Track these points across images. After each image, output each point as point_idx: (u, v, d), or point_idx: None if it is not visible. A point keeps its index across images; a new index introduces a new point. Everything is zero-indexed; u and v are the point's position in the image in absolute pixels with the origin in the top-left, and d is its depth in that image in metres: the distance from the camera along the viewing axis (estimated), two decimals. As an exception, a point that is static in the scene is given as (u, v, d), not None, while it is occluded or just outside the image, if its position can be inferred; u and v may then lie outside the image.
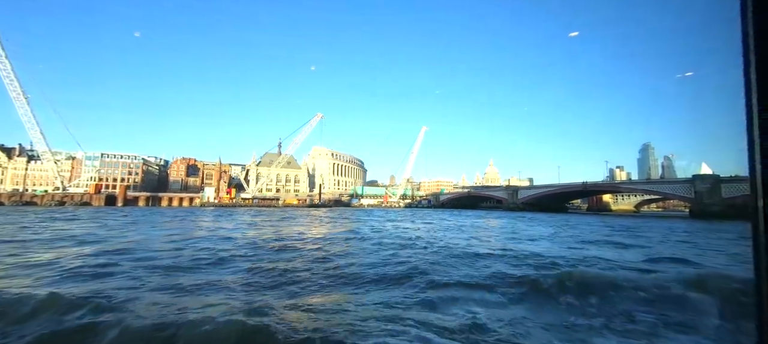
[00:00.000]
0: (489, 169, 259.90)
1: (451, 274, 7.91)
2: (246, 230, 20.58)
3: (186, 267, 8.74)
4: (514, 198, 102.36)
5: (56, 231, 17.66)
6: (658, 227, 28.06)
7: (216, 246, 12.42)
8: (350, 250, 12.37)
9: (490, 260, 9.97)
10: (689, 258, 10.62)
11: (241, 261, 9.70)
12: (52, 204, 73.43)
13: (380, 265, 9.12)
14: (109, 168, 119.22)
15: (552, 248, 13.57)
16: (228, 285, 6.91)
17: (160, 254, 10.57)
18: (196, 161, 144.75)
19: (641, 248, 13.71)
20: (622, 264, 9.59)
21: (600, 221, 37.00)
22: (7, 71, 74.24)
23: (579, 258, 10.47)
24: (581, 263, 9.57)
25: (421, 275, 7.79)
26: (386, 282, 7.30)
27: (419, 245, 13.35)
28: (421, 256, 10.48)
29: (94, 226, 21.71)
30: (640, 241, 16.65)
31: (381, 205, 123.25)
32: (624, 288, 6.24)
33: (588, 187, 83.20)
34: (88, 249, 11.42)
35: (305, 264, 9.41)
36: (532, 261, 9.69)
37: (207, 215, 39.74)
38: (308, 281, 7.40)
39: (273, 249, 12.25)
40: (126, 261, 9.13)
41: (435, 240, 15.40)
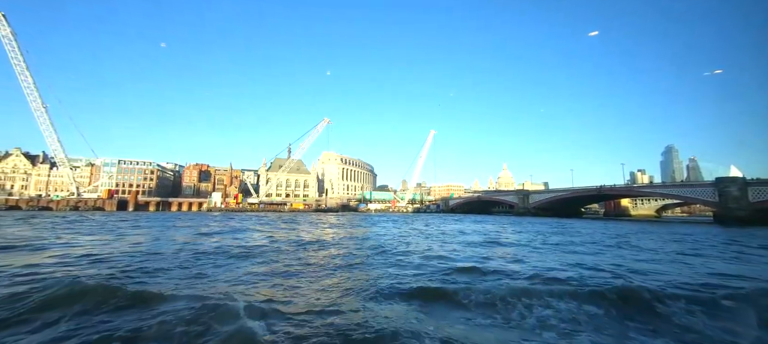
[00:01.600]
0: (502, 173, 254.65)
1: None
2: (225, 233, 19.87)
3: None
4: (524, 203, 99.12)
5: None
6: (661, 232, 25.62)
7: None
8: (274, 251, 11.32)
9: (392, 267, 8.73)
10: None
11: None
12: (67, 209, 76.07)
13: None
14: (125, 174, 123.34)
15: (478, 254, 12.05)
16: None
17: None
18: (208, 166, 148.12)
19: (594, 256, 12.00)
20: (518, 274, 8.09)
21: (603, 226, 34.49)
22: (28, 83, 77.98)
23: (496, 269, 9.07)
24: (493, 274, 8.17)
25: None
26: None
27: (367, 246, 12.17)
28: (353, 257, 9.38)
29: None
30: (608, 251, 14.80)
31: (388, 210, 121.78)
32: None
33: (603, 191, 79.30)
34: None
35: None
36: (419, 269, 8.60)
37: (199, 220, 39.66)
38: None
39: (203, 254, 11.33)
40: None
41: (395, 244, 14.15)
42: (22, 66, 77.23)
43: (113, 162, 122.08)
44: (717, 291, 6.34)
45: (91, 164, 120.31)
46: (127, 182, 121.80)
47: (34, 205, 77.14)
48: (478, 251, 12.99)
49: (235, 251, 11.87)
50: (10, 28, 75.47)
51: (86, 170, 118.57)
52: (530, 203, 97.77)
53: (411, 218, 57.26)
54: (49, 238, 15.92)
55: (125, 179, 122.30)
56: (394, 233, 22.04)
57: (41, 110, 79.77)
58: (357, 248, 13.58)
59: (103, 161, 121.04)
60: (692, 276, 8.45)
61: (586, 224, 37.90)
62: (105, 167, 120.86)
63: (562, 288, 6.40)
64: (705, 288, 6.82)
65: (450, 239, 18.29)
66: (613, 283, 6.98)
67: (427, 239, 18.06)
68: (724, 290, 6.47)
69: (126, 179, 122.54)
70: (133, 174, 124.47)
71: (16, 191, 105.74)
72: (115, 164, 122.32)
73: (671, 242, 18.69)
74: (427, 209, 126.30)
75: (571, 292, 6.09)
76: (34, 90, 78.64)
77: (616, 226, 35.74)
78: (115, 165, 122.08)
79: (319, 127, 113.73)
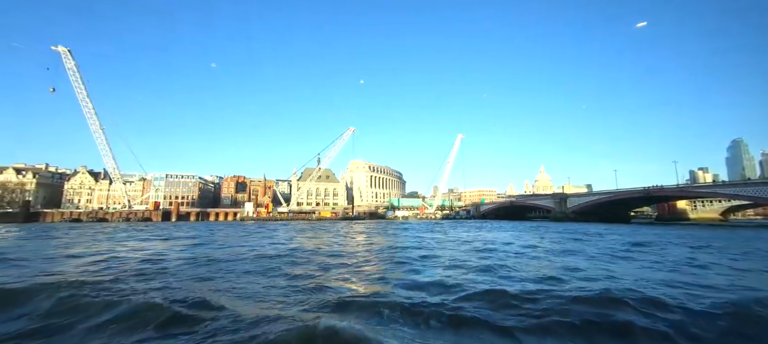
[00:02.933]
0: (540, 176, 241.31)
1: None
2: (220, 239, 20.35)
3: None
4: (562, 207, 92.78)
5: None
6: (735, 239, 22.01)
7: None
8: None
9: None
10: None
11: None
12: (120, 220, 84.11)
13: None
14: (172, 187, 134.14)
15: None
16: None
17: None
18: (245, 178, 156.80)
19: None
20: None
21: (628, 232, 30.61)
22: (89, 109, 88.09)
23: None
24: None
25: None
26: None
27: (345, 254, 11.49)
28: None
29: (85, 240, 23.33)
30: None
31: (416, 216, 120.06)
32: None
33: (651, 193, 71.83)
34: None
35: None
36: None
37: (231, 229, 41.49)
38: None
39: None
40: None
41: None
42: (84, 94, 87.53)
43: (161, 176, 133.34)
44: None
45: (142, 179, 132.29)
46: (173, 194, 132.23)
47: (93, 217, 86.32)
48: (485, 262, 11.76)
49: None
50: (74, 62, 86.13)
51: (139, 184, 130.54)
52: (568, 208, 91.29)
53: (436, 226, 55.67)
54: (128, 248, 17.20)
55: (172, 192, 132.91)
56: (410, 243, 21.20)
57: (99, 131, 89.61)
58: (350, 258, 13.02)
59: (153, 176, 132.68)
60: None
61: (629, 229, 34.00)
62: (155, 181, 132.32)
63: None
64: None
65: (449, 250, 17.11)
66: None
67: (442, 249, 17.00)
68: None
69: (172, 192, 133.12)
70: (178, 187, 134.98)
71: (82, 205, 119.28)
72: (163, 178, 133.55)
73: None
74: (457, 215, 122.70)
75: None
76: (94, 115, 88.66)
77: (677, 233, 31.67)
78: (163, 179, 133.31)
79: (345, 136, 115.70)
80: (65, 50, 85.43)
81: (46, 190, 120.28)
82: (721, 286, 7.60)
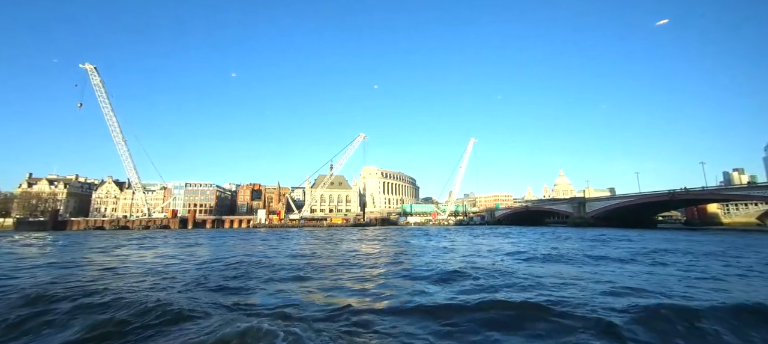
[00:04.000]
0: (559, 180, 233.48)
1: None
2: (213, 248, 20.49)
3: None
4: (580, 212, 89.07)
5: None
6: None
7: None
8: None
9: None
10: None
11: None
12: (140, 228, 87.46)
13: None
14: (191, 195, 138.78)
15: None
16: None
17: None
18: (260, 185, 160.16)
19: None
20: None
21: (633, 238, 28.52)
22: (113, 123, 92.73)
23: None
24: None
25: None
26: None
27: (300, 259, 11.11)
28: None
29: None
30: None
31: (429, 223, 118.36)
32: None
33: (676, 196, 67.66)
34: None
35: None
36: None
37: (236, 237, 42.12)
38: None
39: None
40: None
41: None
42: (108, 108, 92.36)
43: (181, 185, 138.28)
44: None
45: (164, 188, 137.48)
46: (192, 202, 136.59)
47: (115, 225, 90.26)
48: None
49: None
50: (99, 78, 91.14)
51: (160, 193, 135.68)
52: (587, 212, 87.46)
53: (446, 232, 54.48)
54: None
55: (191, 200, 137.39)
56: (408, 251, 20.66)
57: (122, 143, 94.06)
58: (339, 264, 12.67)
59: (174, 185, 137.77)
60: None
61: (665, 237, 31.84)
62: (175, 189, 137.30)
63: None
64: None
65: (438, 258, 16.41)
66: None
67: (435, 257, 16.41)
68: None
69: (191, 200, 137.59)
70: (197, 195, 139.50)
71: (108, 213, 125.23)
72: (182, 186, 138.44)
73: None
74: (470, 221, 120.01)
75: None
76: (117, 127, 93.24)
77: (703, 239, 29.49)
78: (182, 188, 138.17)
79: (356, 142, 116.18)
80: (92, 67, 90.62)
81: (76, 199, 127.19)
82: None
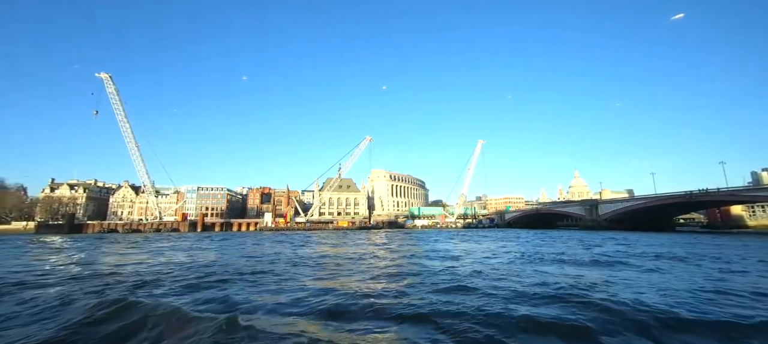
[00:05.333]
0: (574, 181, 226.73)
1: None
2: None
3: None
4: (592, 215, 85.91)
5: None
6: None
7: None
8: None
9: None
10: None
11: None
12: (151, 231, 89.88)
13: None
14: (202, 199, 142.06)
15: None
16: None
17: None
18: (270, 189, 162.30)
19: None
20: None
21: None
22: (126, 129, 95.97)
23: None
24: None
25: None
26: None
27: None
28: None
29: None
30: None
31: (436, 225, 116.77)
32: None
33: (694, 198, 64.16)
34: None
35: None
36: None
37: (235, 240, 42.47)
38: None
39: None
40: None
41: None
42: (122, 115, 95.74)
43: (193, 189, 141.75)
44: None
45: (176, 192, 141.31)
46: (204, 206, 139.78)
47: (128, 228, 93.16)
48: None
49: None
50: (114, 86, 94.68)
51: (173, 196, 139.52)
52: (600, 215, 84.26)
53: (452, 235, 53.52)
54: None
55: (202, 203, 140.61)
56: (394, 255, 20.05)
57: (135, 149, 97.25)
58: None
59: (186, 188, 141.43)
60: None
61: (673, 240, 29.94)
62: (187, 193, 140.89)
63: None
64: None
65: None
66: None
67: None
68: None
69: (203, 203, 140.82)
70: (208, 199, 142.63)
71: (124, 216, 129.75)
72: (194, 190, 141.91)
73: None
74: (479, 224, 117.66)
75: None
76: (130, 133, 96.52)
77: (720, 243, 27.61)
78: (195, 192, 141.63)
79: (362, 145, 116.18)
80: (107, 76, 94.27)
81: (94, 203, 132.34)
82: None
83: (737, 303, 7.45)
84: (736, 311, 6.71)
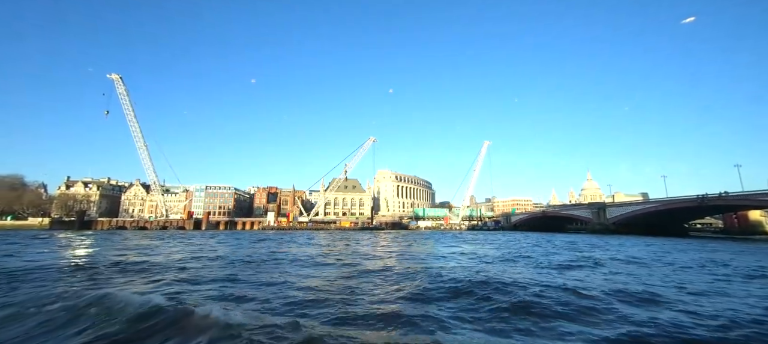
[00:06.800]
0: (587, 184, 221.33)
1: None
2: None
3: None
4: (600, 218, 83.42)
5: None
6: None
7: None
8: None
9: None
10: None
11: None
12: (157, 228, 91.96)
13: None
14: (210, 198, 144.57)
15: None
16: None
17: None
18: (277, 188, 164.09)
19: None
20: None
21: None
22: (135, 128, 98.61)
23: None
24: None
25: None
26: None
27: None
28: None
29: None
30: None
31: (440, 227, 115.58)
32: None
33: (706, 201, 61.39)
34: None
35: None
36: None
37: (231, 239, 42.85)
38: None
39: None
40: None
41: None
42: (132, 115, 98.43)
43: (202, 188, 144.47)
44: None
45: (186, 190, 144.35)
46: (212, 205, 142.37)
47: (135, 225, 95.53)
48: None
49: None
50: (124, 87, 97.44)
51: (182, 195, 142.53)
52: (608, 219, 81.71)
53: (450, 237, 52.66)
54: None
55: (211, 202, 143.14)
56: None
57: (143, 148, 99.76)
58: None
59: (195, 187, 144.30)
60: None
61: (673, 246, 28.50)
62: (196, 192, 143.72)
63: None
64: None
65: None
66: None
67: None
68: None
69: (211, 202, 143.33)
70: (216, 198, 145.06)
71: (136, 214, 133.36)
72: (203, 189, 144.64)
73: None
74: (484, 226, 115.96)
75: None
76: (139, 133, 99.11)
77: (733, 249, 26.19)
78: (203, 191, 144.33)
79: (366, 145, 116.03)
80: (117, 77, 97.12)
81: (107, 201, 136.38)
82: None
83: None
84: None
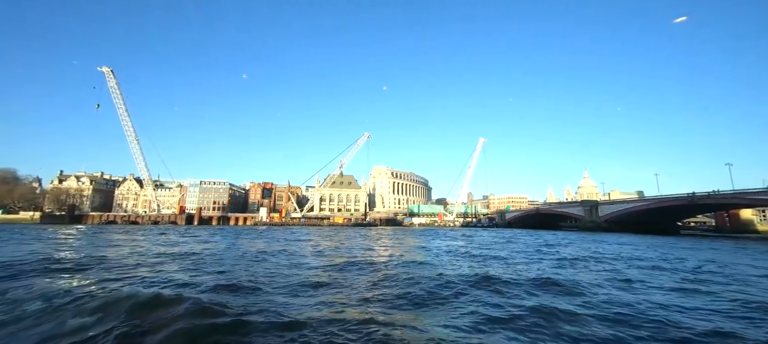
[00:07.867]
0: (583, 182, 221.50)
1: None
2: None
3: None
4: (592, 215, 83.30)
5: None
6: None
7: None
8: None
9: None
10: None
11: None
12: (149, 223, 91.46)
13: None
14: (205, 193, 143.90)
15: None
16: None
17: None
18: (272, 184, 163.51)
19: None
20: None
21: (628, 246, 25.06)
22: (127, 122, 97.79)
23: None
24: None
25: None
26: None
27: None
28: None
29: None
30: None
31: (434, 224, 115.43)
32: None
33: (696, 200, 61.21)
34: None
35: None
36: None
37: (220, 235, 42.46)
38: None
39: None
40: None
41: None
42: (123, 109, 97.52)
43: (196, 183, 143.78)
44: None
45: (180, 185, 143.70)
46: (207, 200, 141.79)
47: (126, 220, 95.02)
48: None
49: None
50: (115, 80, 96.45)
51: (176, 190, 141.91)
52: (600, 216, 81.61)
53: (440, 233, 52.45)
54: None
55: (205, 197, 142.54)
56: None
57: (135, 142, 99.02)
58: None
59: (189, 182, 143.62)
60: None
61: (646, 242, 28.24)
62: (190, 187, 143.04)
63: None
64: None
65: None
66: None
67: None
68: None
69: (206, 197, 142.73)
70: (210, 193, 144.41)
71: (129, 208, 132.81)
72: (197, 184, 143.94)
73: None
74: (478, 223, 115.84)
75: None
76: (131, 127, 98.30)
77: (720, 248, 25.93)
78: (197, 186, 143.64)
79: (360, 141, 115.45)
80: (108, 70, 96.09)
81: (100, 195, 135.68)
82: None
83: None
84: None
